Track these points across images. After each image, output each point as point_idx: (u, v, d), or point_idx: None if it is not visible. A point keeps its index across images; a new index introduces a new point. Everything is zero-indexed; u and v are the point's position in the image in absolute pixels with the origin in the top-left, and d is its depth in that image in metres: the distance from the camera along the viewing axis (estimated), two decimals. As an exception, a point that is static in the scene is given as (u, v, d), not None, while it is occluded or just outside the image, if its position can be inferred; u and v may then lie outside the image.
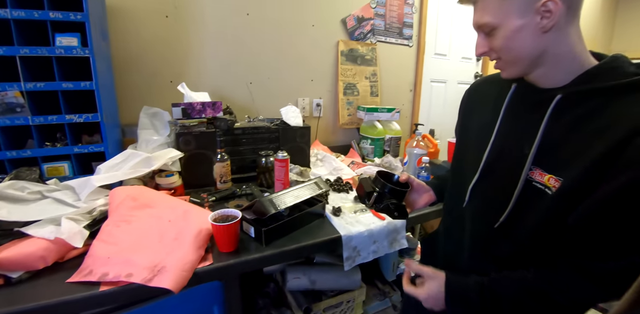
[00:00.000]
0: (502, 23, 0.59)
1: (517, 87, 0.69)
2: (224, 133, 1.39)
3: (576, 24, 0.59)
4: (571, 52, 0.59)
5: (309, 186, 1.10)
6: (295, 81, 1.83)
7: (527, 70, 0.63)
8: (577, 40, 0.59)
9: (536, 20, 0.57)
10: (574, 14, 0.58)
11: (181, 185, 1.31)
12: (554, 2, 0.55)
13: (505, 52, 0.62)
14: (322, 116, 1.96)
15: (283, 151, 1.24)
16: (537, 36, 0.58)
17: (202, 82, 1.59)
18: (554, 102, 0.60)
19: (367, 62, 2.05)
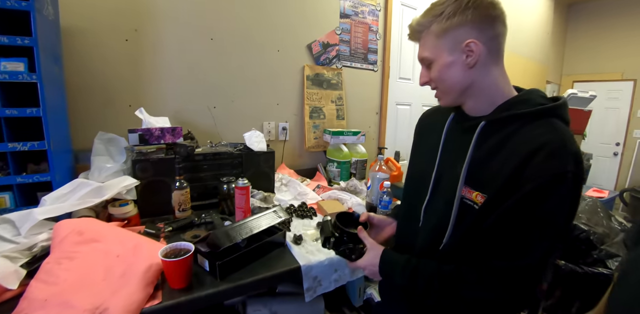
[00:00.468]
0: (437, 58, 0.71)
1: (454, 115, 0.80)
2: (184, 159, 1.36)
3: (499, 63, 0.71)
4: (494, 86, 0.71)
5: (269, 215, 1.09)
6: (260, 104, 1.83)
7: (458, 99, 0.74)
8: (499, 76, 0.71)
9: (462, 57, 0.68)
10: (495, 55, 0.70)
11: (137, 214, 1.26)
12: (475, 43, 0.66)
13: (439, 82, 0.73)
14: (288, 140, 1.97)
15: (243, 178, 1.23)
16: (464, 71, 0.69)
17: (162, 107, 1.56)
18: (478, 128, 0.70)
19: (333, 86, 2.09)
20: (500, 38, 0.69)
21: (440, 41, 0.69)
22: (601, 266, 1.35)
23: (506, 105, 0.69)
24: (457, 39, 0.68)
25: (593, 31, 5.07)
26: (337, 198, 1.56)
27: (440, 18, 0.68)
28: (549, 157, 0.60)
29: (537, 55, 4.25)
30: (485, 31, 0.67)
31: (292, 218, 1.37)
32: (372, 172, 1.49)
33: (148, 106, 1.51)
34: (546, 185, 0.60)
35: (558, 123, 0.65)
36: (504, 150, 0.66)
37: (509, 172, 0.63)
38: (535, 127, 0.65)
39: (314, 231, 1.27)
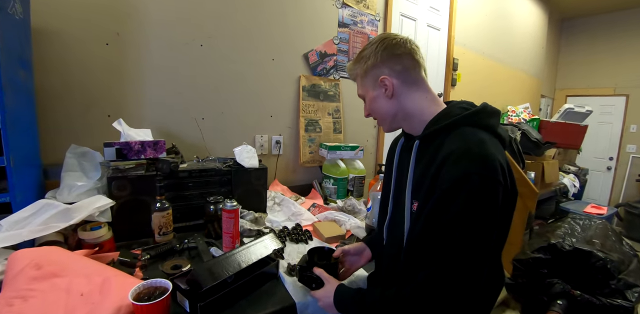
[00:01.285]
0: (366, 94, 0.87)
1: (403, 137, 0.92)
2: (166, 177, 1.23)
3: (419, 88, 0.82)
4: (419, 108, 0.81)
5: (261, 244, 0.96)
6: (252, 116, 1.72)
7: (393, 124, 0.87)
8: (422, 99, 0.82)
9: (382, 91, 0.82)
10: (410, 83, 0.82)
11: (111, 239, 1.13)
12: (387, 78, 0.81)
13: (373, 113, 0.88)
14: (281, 154, 1.85)
15: (232, 200, 1.10)
16: (387, 101, 0.83)
17: (144, 118, 1.44)
18: (414, 146, 0.80)
19: (330, 98, 1.99)
20: (410, 70, 0.81)
21: (365, 80, 0.85)
22: (620, 298, 1.26)
23: (433, 121, 0.78)
24: (375, 76, 0.82)
25: (586, 46, 5.15)
26: (335, 219, 1.44)
27: (362, 62, 0.84)
28: (454, 163, 0.67)
29: (531, 69, 4.25)
30: (394, 67, 0.80)
31: (285, 243, 1.24)
32: (373, 192, 1.38)
33: (129, 117, 1.38)
34: (451, 188, 0.65)
35: (468, 130, 0.73)
36: (433, 162, 0.72)
37: (429, 182, 0.71)
38: (452, 137, 0.72)
39: (310, 258, 1.15)
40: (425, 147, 0.77)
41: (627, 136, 4.85)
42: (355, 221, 1.44)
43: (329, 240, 1.28)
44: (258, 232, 1.29)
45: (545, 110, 5.33)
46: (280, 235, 1.28)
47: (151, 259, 1.07)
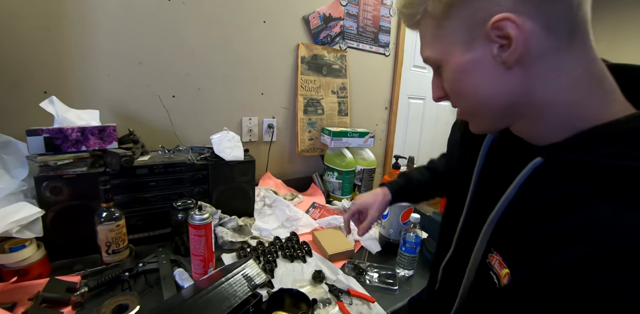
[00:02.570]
0: (445, 60, 0.44)
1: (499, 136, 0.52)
2: (117, 175, 0.93)
3: (580, 50, 0.37)
4: (569, 97, 0.38)
5: (236, 282, 0.67)
6: (238, 94, 1.39)
7: (499, 123, 0.45)
8: (577, 76, 0.37)
9: (491, 51, 0.39)
10: (567, 34, 0.36)
11: (42, 260, 0.86)
12: (512, 22, 0.36)
13: (457, 99, 0.46)
14: (275, 141, 1.54)
15: (202, 211, 0.81)
16: (498, 74, 0.40)
17: (93, 95, 1.12)
18: (528, 167, 0.42)
19: (335, 73, 1.66)
20: None
21: (446, 28, 0.42)
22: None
23: (589, 137, 0.37)
24: (474, 17, 0.39)
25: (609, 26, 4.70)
26: (340, 226, 1.15)
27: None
28: None
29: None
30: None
31: (276, 262, 0.95)
32: (390, 195, 1.07)
33: (72, 95, 1.07)
34: None
35: None
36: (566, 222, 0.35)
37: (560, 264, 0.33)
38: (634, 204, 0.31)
39: (309, 286, 0.86)
40: (554, 179, 0.39)
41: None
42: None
43: (334, 257, 0.99)
44: (242, 247, 1.00)
45: None
46: (269, 251, 0.99)
47: (91, 291, 0.79)
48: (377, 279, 0.91)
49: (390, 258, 1.02)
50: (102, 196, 0.86)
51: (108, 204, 0.87)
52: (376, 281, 0.90)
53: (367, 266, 0.95)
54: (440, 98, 0.49)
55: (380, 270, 0.94)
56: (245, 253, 0.97)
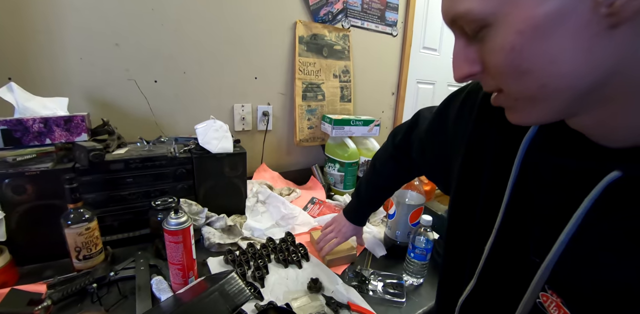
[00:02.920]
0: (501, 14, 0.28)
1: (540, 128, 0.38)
2: (88, 171, 0.83)
3: None
4: None
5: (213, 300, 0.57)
6: (229, 78, 1.27)
7: (566, 112, 0.31)
8: None
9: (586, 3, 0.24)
10: None
11: (7, 266, 0.78)
12: None
13: (514, 77, 0.29)
14: (271, 130, 1.42)
15: (178, 213, 0.71)
16: (596, 37, 0.25)
17: (64, 81, 1.01)
18: (600, 185, 0.30)
19: (337, 55, 1.52)
20: None
21: None
22: None
23: None
24: None
25: None
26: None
27: None
28: None
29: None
30: None
31: (267, 268, 0.85)
32: (397, 191, 0.96)
33: (40, 81, 0.96)
34: None
35: None
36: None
37: None
38: None
39: (306, 298, 0.76)
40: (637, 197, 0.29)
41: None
42: (371, 230, 1.04)
43: (333, 263, 0.89)
44: (230, 250, 0.90)
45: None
46: (260, 255, 0.89)
47: (57, 303, 0.70)
48: (382, 289, 0.81)
49: (396, 263, 0.92)
50: (68, 195, 0.76)
51: (76, 204, 0.77)
52: (381, 291, 0.80)
53: (371, 274, 0.84)
54: (470, 76, 0.34)
55: (385, 278, 0.84)
56: (233, 257, 0.87)
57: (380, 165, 0.84)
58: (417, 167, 0.74)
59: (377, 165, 0.85)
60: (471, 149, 0.48)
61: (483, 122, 0.46)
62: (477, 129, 0.48)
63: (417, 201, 0.93)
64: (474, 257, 0.46)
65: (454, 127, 0.54)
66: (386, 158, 0.82)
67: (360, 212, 0.92)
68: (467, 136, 0.49)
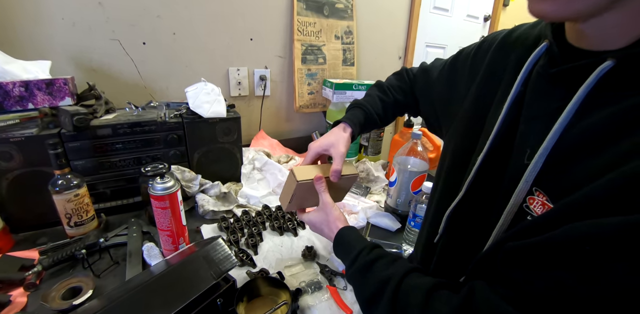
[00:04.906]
0: None
1: (548, 46, 0.40)
2: (75, 137, 0.80)
3: None
4: None
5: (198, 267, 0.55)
6: (222, 40, 1.20)
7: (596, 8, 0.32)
8: None
9: None
10: None
11: (1, 231, 0.78)
12: None
13: None
14: (269, 95, 1.36)
15: (164, 178, 0.69)
16: None
17: (47, 44, 0.96)
18: (594, 74, 0.33)
19: (339, 14, 1.42)
20: None
21: None
22: None
23: None
24: None
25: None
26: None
27: None
28: None
29: None
30: None
31: (262, 235, 0.84)
32: (399, 157, 0.93)
33: (22, 43, 0.92)
34: None
35: None
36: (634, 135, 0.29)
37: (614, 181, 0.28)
38: None
39: (300, 266, 0.75)
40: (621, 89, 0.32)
41: None
42: (368, 203, 1.01)
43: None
44: (224, 217, 0.88)
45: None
46: (255, 222, 0.87)
47: (47, 268, 0.70)
48: (378, 256, 0.79)
49: (397, 232, 0.90)
50: (54, 161, 0.74)
51: (62, 170, 0.75)
52: (376, 258, 0.78)
53: (367, 241, 0.83)
54: None
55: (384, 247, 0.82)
56: (227, 224, 0.86)
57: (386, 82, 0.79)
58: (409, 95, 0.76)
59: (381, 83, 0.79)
60: (488, 73, 0.51)
61: (501, 51, 0.50)
62: (495, 57, 0.51)
63: (420, 167, 0.89)
64: (462, 166, 0.50)
65: (471, 62, 0.57)
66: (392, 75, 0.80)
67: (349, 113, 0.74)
68: (484, 65, 0.53)
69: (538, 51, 0.42)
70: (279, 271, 0.70)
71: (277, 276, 0.67)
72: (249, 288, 0.62)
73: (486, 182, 0.47)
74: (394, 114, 0.77)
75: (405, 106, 0.77)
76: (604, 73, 0.32)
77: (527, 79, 0.43)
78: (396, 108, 0.76)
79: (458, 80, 0.60)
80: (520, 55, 0.46)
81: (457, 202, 0.51)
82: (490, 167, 0.46)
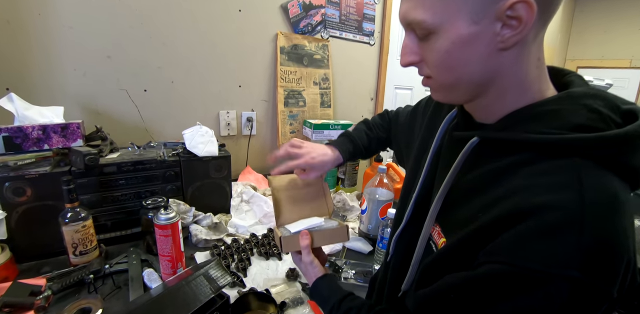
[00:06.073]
0: (444, 27, 0.40)
1: (457, 111, 0.55)
2: (84, 173, 0.90)
3: (541, 37, 0.43)
4: (527, 78, 0.43)
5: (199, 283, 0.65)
6: (214, 86, 1.36)
7: (466, 98, 0.47)
8: (536, 62, 0.43)
9: (494, 29, 0.39)
10: (544, 23, 0.41)
11: (8, 262, 0.84)
12: (527, 4, 0.36)
13: (441, 70, 0.44)
14: (255, 135, 1.51)
15: (167, 210, 0.79)
16: (491, 54, 0.41)
17: (59, 91, 1.09)
18: (467, 146, 0.46)
19: (317, 63, 1.62)
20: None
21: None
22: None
23: (516, 117, 0.43)
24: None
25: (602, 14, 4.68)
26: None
27: None
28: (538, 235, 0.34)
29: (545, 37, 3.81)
30: None
31: (250, 260, 0.94)
32: (369, 188, 1.06)
33: (36, 91, 1.04)
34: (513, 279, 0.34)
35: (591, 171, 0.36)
36: (494, 193, 0.41)
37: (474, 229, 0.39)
38: (549, 169, 0.38)
39: (284, 285, 0.85)
40: (491, 155, 0.44)
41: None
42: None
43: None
44: (215, 245, 0.98)
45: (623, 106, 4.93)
46: (244, 249, 0.97)
47: (56, 293, 0.77)
48: (354, 276, 0.90)
49: (368, 254, 1.01)
50: (66, 196, 0.83)
51: (73, 204, 0.84)
52: (352, 278, 0.89)
53: (344, 263, 0.94)
54: (412, 64, 0.47)
55: (356, 267, 0.93)
56: (218, 251, 0.95)
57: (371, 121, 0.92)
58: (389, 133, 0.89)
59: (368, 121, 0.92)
60: (428, 123, 0.65)
61: (439, 106, 0.64)
62: (435, 110, 0.65)
63: (386, 197, 1.03)
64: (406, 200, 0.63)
65: (422, 111, 0.71)
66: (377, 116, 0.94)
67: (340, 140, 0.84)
68: (427, 116, 0.66)
69: (450, 115, 0.56)
70: (266, 289, 0.79)
71: (265, 292, 0.77)
72: (241, 303, 0.71)
73: (420, 214, 0.57)
74: (377, 148, 0.90)
75: (386, 142, 0.91)
76: (473, 146, 0.46)
77: (444, 135, 0.56)
78: (379, 143, 0.89)
79: (415, 125, 0.72)
80: (447, 113, 0.58)
81: (401, 229, 0.62)
82: (422, 202, 0.58)
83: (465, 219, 0.43)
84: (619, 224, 0.34)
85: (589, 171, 0.36)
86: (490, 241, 0.37)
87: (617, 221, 0.34)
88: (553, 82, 0.45)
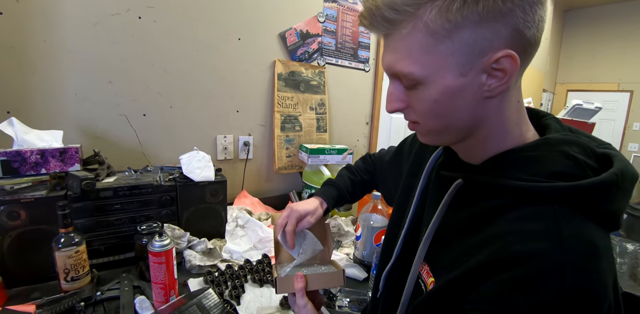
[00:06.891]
0: (432, 79, 0.42)
1: (442, 151, 0.58)
2: (79, 198, 0.90)
3: (520, 81, 0.46)
4: (509, 123, 0.46)
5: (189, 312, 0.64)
6: (213, 112, 1.39)
7: (453, 141, 0.50)
8: (517, 105, 0.46)
9: (480, 80, 0.41)
10: (524, 69, 0.44)
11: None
12: (511, 59, 0.39)
13: (429, 118, 0.46)
14: (251, 159, 1.52)
15: (162, 237, 0.79)
16: (477, 102, 0.43)
17: (59, 115, 1.10)
18: (452, 187, 0.49)
19: (314, 89, 1.66)
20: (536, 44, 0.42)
21: (443, 47, 0.40)
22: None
23: (499, 161, 0.45)
24: (477, 44, 0.39)
25: (589, 39, 4.91)
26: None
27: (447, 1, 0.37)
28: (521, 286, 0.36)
29: (535, 62, 3.96)
30: (527, 31, 0.39)
31: (244, 287, 0.93)
32: (364, 215, 1.07)
33: (37, 115, 1.05)
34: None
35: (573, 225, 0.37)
36: (479, 236, 0.43)
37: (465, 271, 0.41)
38: (529, 216, 0.40)
39: (279, 313, 0.84)
40: (474, 197, 0.46)
41: (629, 134, 4.68)
42: (339, 255, 1.12)
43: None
44: (209, 271, 0.97)
45: (546, 105, 5.09)
46: (237, 275, 0.96)
47: (44, 322, 0.75)
48: (348, 304, 0.89)
49: (363, 281, 1.01)
50: (60, 221, 0.83)
51: (67, 229, 0.84)
52: (347, 306, 0.88)
53: (338, 291, 0.93)
54: (398, 111, 0.48)
55: (351, 295, 0.92)
56: (212, 278, 0.94)
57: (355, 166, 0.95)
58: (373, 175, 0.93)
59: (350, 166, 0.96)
60: (415, 160, 0.68)
61: (422, 151, 0.67)
62: (421, 147, 0.68)
63: (381, 223, 1.04)
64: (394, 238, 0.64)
65: (408, 148, 0.75)
66: (359, 160, 0.97)
67: (324, 189, 0.86)
68: (413, 153, 0.69)
69: (436, 154, 0.58)
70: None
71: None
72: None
73: (408, 251, 0.58)
74: (362, 191, 0.93)
75: (369, 184, 0.93)
76: (458, 187, 0.48)
77: (432, 172, 0.58)
78: (364, 186, 0.92)
79: (402, 163, 0.74)
80: (434, 150, 0.60)
81: (390, 266, 0.63)
82: (411, 239, 0.59)
83: (452, 261, 0.45)
84: (599, 271, 0.35)
85: (567, 218, 0.38)
86: (476, 286, 0.39)
87: (596, 268, 0.35)
88: (532, 123, 0.48)
